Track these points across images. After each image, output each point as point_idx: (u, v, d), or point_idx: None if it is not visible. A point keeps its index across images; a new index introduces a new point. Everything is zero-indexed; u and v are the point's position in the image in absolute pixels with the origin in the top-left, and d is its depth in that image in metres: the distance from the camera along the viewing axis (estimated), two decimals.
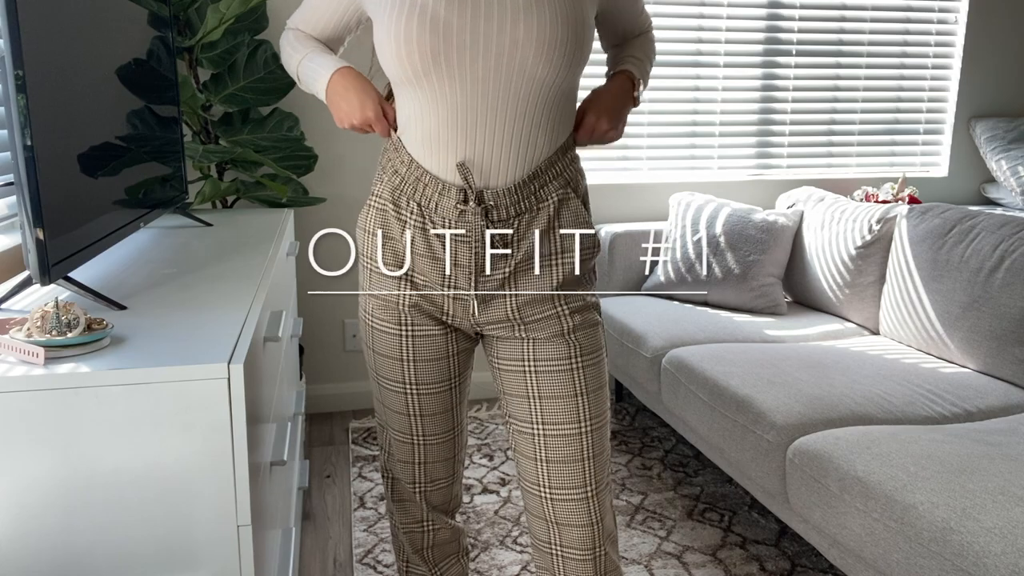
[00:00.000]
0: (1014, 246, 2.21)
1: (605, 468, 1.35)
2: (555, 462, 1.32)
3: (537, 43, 1.17)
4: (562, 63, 1.20)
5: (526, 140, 1.23)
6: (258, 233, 2.01)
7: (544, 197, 1.27)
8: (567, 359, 1.31)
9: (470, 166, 1.23)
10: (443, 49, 1.17)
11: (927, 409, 2.00)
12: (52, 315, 1.08)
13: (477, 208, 1.23)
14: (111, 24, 1.53)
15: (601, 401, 1.34)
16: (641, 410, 3.09)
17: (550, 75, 1.20)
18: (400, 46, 1.18)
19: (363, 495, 2.44)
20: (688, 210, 3.02)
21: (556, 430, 1.32)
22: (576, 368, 1.31)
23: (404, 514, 1.53)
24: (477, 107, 1.21)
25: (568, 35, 1.18)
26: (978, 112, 3.54)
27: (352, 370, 3.12)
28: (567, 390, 1.31)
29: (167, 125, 1.96)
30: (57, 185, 1.21)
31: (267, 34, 2.80)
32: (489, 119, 1.21)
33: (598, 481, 1.33)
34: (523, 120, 1.22)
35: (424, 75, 1.19)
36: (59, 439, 1.03)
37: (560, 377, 1.31)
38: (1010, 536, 1.40)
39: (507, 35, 1.17)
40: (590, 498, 1.32)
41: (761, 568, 2.08)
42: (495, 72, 1.18)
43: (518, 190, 1.25)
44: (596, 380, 1.34)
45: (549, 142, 1.26)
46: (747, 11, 3.22)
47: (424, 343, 1.36)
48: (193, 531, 1.08)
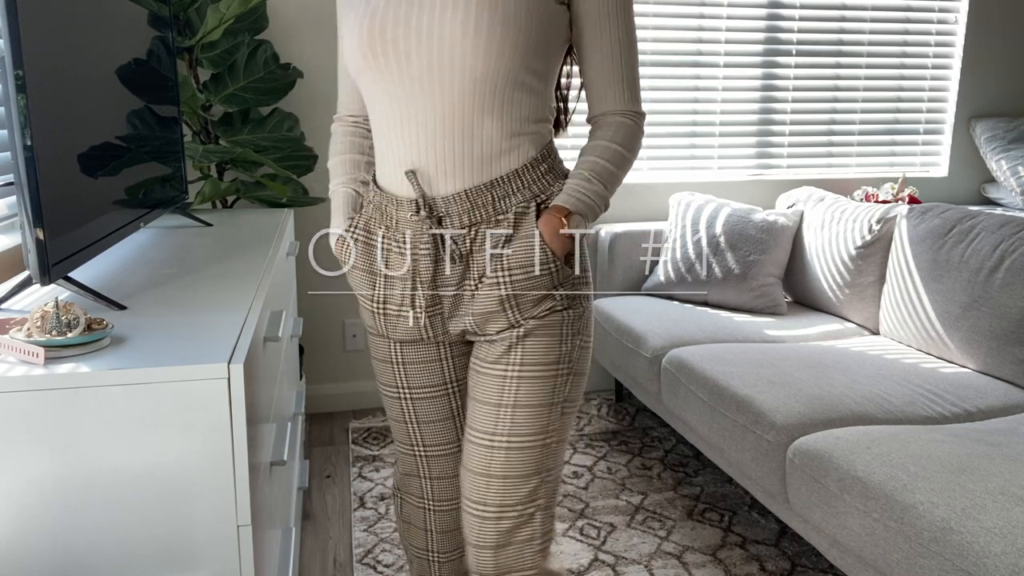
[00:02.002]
0: (1014, 246, 2.21)
1: (519, 494, 1.22)
2: (466, 469, 1.26)
3: (463, 29, 1.10)
4: (494, 49, 1.11)
5: (471, 139, 1.17)
6: (258, 233, 2.01)
7: (504, 209, 1.19)
8: (503, 366, 1.22)
9: (420, 173, 1.19)
10: (379, 43, 1.14)
11: (927, 409, 2.01)
12: (52, 315, 1.08)
13: (428, 218, 1.19)
14: (111, 24, 1.53)
15: (533, 419, 1.22)
16: (641, 410, 3.09)
17: (483, 64, 1.12)
18: (351, 45, 1.19)
19: (363, 495, 2.44)
20: (688, 210, 3.02)
21: (470, 435, 1.26)
22: (509, 377, 1.22)
23: (411, 538, 1.46)
24: (419, 105, 1.16)
25: (496, 19, 1.10)
26: (978, 112, 3.54)
27: (352, 370, 3.12)
28: (491, 397, 1.23)
29: (167, 125, 1.96)
30: (57, 185, 1.21)
31: (267, 34, 2.80)
32: (431, 118, 1.16)
33: (502, 505, 1.22)
34: (464, 116, 1.16)
35: (368, 72, 1.18)
36: (59, 439, 1.03)
37: (489, 381, 1.24)
38: (1010, 536, 1.40)
39: (436, 23, 1.11)
40: (487, 519, 1.22)
41: (761, 568, 2.08)
42: (428, 66, 1.13)
43: (471, 197, 1.19)
44: (534, 395, 1.22)
45: (504, 141, 1.18)
46: (747, 11, 3.22)
47: (412, 346, 1.33)
48: (193, 531, 1.08)
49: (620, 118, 1.23)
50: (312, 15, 2.83)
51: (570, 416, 1.28)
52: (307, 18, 2.82)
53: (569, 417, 1.28)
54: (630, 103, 1.23)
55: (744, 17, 3.23)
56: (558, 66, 1.24)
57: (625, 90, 1.22)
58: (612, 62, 1.21)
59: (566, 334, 1.24)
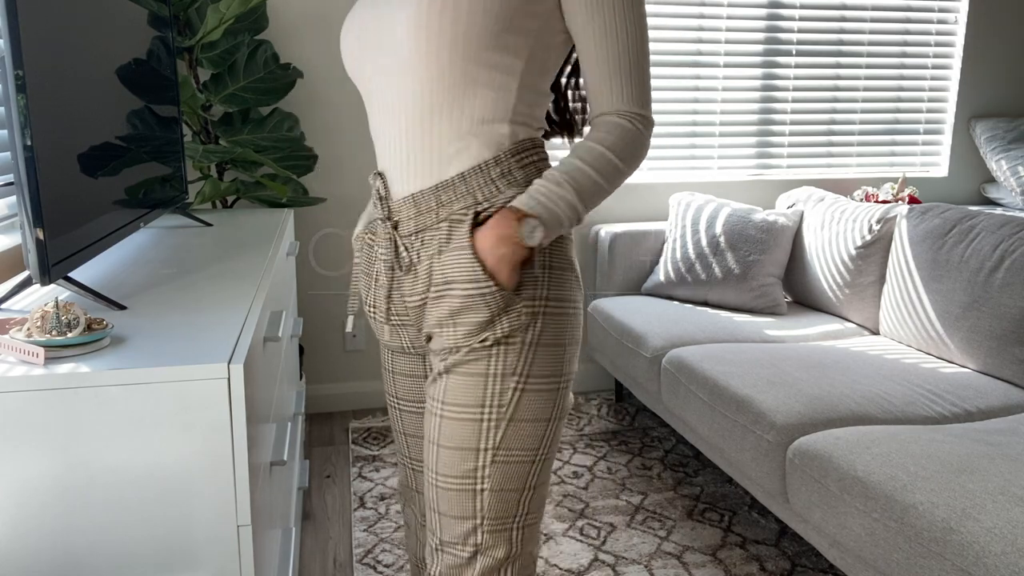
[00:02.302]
0: (1014, 246, 2.21)
1: (453, 532, 1.14)
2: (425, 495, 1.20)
3: (406, 25, 1.04)
4: (433, 45, 1.03)
5: (421, 139, 1.09)
6: (258, 233, 2.01)
7: (446, 216, 1.09)
8: (431, 397, 1.13)
9: (387, 175, 1.14)
10: (350, 44, 1.13)
11: (927, 409, 2.00)
12: (52, 315, 1.08)
13: (385, 221, 1.14)
14: (111, 24, 1.53)
15: (455, 462, 1.10)
16: (641, 410, 3.09)
17: (426, 61, 1.04)
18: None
19: (363, 495, 2.44)
20: (688, 210, 3.02)
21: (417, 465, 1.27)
22: (433, 413, 1.13)
23: (407, 543, 1.41)
24: (381, 104, 1.11)
25: (435, 10, 1.02)
26: (978, 112, 3.54)
27: (352, 370, 3.12)
28: (425, 428, 1.15)
29: (167, 125, 1.96)
30: (57, 185, 1.21)
31: (267, 34, 2.80)
32: (389, 119, 1.11)
33: (441, 540, 1.15)
34: (415, 116, 1.08)
35: (350, 73, 1.17)
36: (59, 439, 1.03)
37: (422, 416, 1.17)
38: (1010, 536, 1.40)
39: (386, 22, 1.07)
40: (433, 549, 1.16)
41: (761, 568, 2.08)
42: (385, 66, 1.08)
43: (417, 202, 1.10)
44: (453, 437, 1.10)
45: (455, 142, 1.08)
46: (747, 11, 3.22)
47: (400, 356, 1.28)
48: (193, 531, 1.08)
49: (615, 119, 1.07)
50: (312, 15, 2.82)
51: (520, 466, 1.11)
52: (307, 18, 2.82)
53: (518, 467, 1.10)
54: (628, 103, 1.06)
55: (744, 17, 3.23)
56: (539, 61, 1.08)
57: (623, 87, 1.05)
58: (607, 52, 1.05)
59: (494, 374, 1.07)
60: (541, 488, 1.15)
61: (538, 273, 1.08)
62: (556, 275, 1.10)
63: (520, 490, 1.12)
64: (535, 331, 1.07)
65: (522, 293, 1.07)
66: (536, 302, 1.07)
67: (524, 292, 1.07)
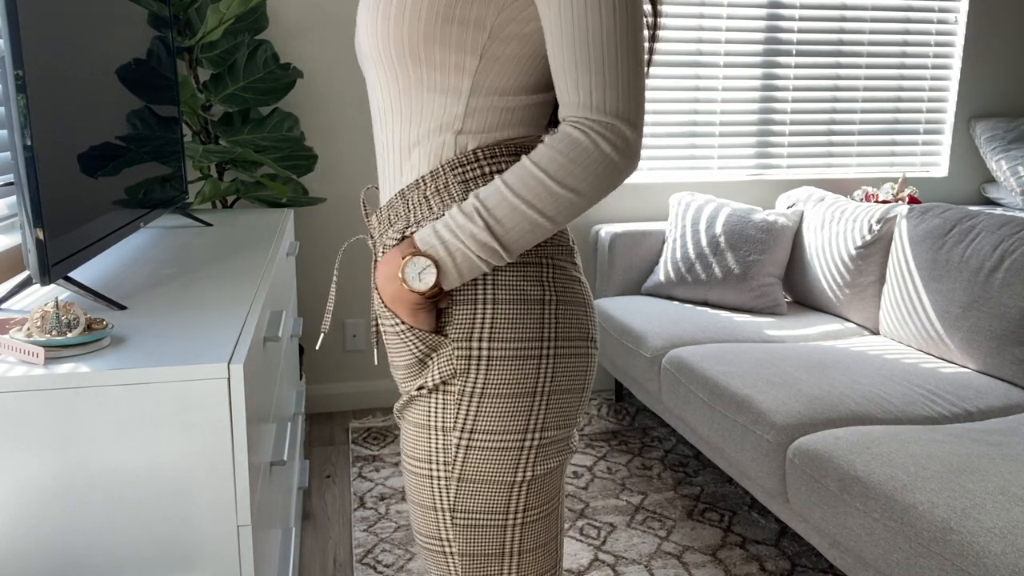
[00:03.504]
0: (1014, 246, 2.21)
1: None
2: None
3: (363, 28, 0.92)
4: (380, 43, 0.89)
5: (383, 149, 0.97)
6: (258, 233, 2.01)
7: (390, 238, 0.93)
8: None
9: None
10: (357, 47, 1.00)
11: (927, 409, 2.01)
12: (52, 315, 1.08)
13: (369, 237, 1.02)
14: (111, 24, 1.53)
15: (419, 520, 0.96)
16: (641, 410, 3.09)
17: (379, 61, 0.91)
18: None
19: (363, 495, 2.44)
20: (688, 210, 3.02)
21: None
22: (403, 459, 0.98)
23: None
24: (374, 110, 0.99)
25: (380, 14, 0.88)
26: (978, 112, 3.54)
27: (352, 370, 3.12)
28: None
29: (167, 125, 1.96)
30: (57, 185, 1.21)
31: (267, 34, 2.80)
32: (376, 125, 0.99)
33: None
34: (381, 122, 0.96)
35: None
36: (59, 439, 1.03)
37: None
38: (1010, 536, 1.40)
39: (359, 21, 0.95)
40: None
41: (761, 568, 2.08)
42: (366, 69, 0.97)
43: (379, 218, 0.98)
44: (413, 492, 0.96)
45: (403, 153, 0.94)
46: (747, 11, 3.22)
47: None
48: (193, 531, 1.08)
49: (565, 127, 0.82)
50: (312, 15, 2.82)
51: (487, 529, 0.93)
52: (307, 18, 2.82)
53: (484, 530, 0.93)
54: (585, 107, 0.81)
55: (744, 17, 3.23)
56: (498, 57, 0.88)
57: (581, 86, 0.81)
58: (564, 41, 0.81)
59: (433, 427, 0.90)
60: (535, 553, 0.96)
61: (473, 310, 0.87)
62: (503, 311, 0.87)
63: (498, 555, 0.94)
64: (475, 379, 0.87)
65: (449, 333, 0.88)
66: (472, 344, 0.87)
67: (451, 332, 0.88)
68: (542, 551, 0.97)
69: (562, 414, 0.91)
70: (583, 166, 0.80)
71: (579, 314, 0.91)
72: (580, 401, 0.93)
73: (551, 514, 0.96)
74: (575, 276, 0.93)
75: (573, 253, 0.95)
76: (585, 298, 0.93)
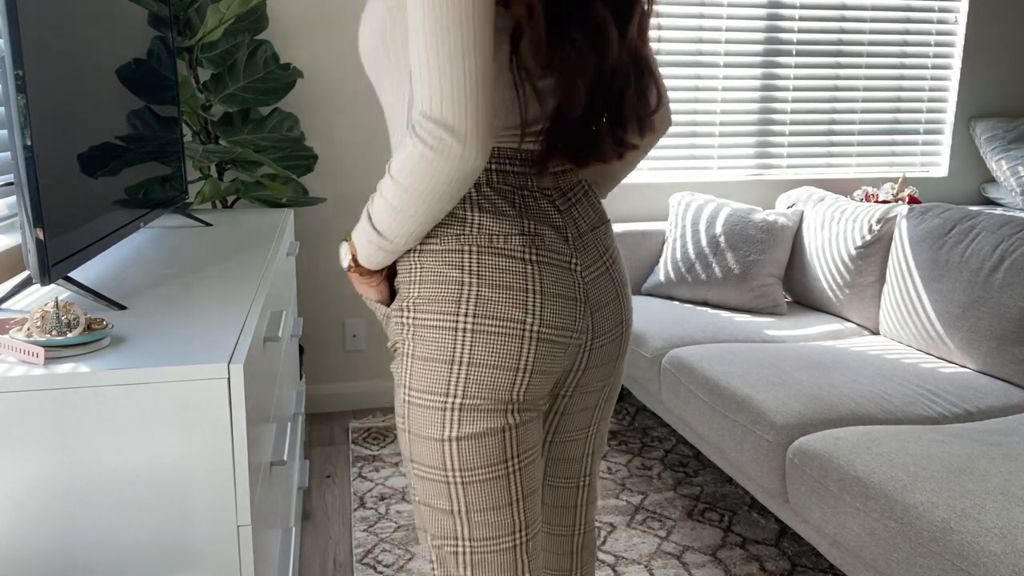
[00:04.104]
0: (1014, 246, 2.21)
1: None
2: None
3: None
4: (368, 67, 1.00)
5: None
6: (258, 233, 2.01)
7: None
8: None
9: None
10: None
11: (927, 409, 2.01)
12: (52, 315, 1.08)
13: None
14: (111, 24, 1.53)
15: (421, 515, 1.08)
16: (641, 410, 3.09)
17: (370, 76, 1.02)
18: None
19: (363, 495, 2.44)
20: (688, 210, 3.02)
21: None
22: None
23: None
24: None
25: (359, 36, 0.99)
26: (978, 112, 3.54)
27: (352, 370, 3.12)
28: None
29: (167, 125, 1.96)
30: (57, 185, 1.21)
31: (267, 34, 2.80)
32: None
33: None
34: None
35: None
36: (59, 439, 1.03)
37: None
38: (1010, 536, 1.40)
39: None
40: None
41: (761, 568, 2.08)
42: None
43: None
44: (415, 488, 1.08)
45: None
46: (747, 11, 3.22)
47: None
48: (193, 531, 1.08)
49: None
50: (312, 15, 2.83)
51: (433, 484, 1.03)
52: (307, 18, 2.82)
53: (431, 485, 1.03)
54: (414, 111, 0.89)
55: (744, 17, 3.23)
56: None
57: (414, 91, 0.89)
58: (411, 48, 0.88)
59: (397, 383, 1.05)
60: (485, 515, 1.04)
61: (408, 288, 1.01)
62: (423, 288, 1.00)
63: (449, 512, 1.04)
64: (410, 343, 1.01)
65: (392, 305, 1.04)
66: (404, 313, 1.01)
67: (394, 304, 1.04)
68: (493, 514, 1.04)
69: (486, 385, 0.99)
70: (402, 161, 0.90)
71: (508, 297, 0.98)
72: (514, 379, 1.00)
73: (498, 480, 1.03)
74: (511, 265, 0.99)
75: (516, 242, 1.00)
76: (526, 284, 0.99)
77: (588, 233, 1.06)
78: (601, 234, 1.09)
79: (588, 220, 1.07)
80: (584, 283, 1.04)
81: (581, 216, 1.06)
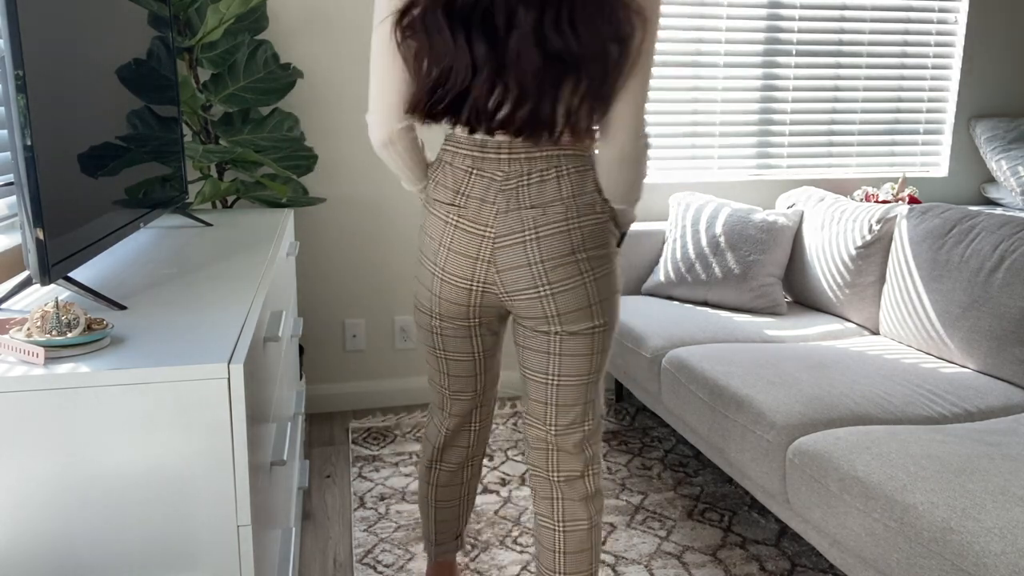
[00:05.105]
0: (1014, 246, 2.21)
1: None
2: None
3: None
4: None
5: None
6: (258, 233, 2.01)
7: None
8: None
9: None
10: None
11: (927, 409, 2.01)
12: (52, 315, 1.08)
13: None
14: (111, 24, 1.53)
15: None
16: (641, 410, 3.09)
17: None
18: None
19: (363, 495, 2.44)
20: (688, 210, 3.02)
21: None
22: None
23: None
24: None
25: None
26: (978, 112, 3.54)
27: (352, 370, 3.12)
28: None
29: (167, 125, 1.96)
30: (57, 185, 1.21)
31: (267, 34, 2.80)
32: None
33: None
34: None
35: None
36: (59, 439, 1.03)
37: None
38: (1010, 536, 1.40)
39: None
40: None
41: (761, 568, 2.08)
42: None
43: None
44: None
45: None
46: (747, 11, 3.22)
47: None
48: (193, 531, 1.08)
49: None
50: (312, 15, 2.83)
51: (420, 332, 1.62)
52: (307, 18, 2.82)
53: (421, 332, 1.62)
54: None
55: (744, 17, 3.23)
56: None
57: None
58: None
59: None
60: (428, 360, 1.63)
61: None
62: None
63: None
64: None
65: None
66: None
67: None
68: (433, 371, 1.64)
69: (422, 296, 1.51)
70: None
71: (432, 245, 1.45)
72: (431, 297, 1.49)
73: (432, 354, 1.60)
74: (437, 223, 1.43)
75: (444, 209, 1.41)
76: (441, 239, 1.42)
77: (523, 211, 1.34)
78: (538, 213, 1.34)
79: (530, 201, 1.34)
80: (494, 247, 1.36)
81: (524, 197, 1.34)
